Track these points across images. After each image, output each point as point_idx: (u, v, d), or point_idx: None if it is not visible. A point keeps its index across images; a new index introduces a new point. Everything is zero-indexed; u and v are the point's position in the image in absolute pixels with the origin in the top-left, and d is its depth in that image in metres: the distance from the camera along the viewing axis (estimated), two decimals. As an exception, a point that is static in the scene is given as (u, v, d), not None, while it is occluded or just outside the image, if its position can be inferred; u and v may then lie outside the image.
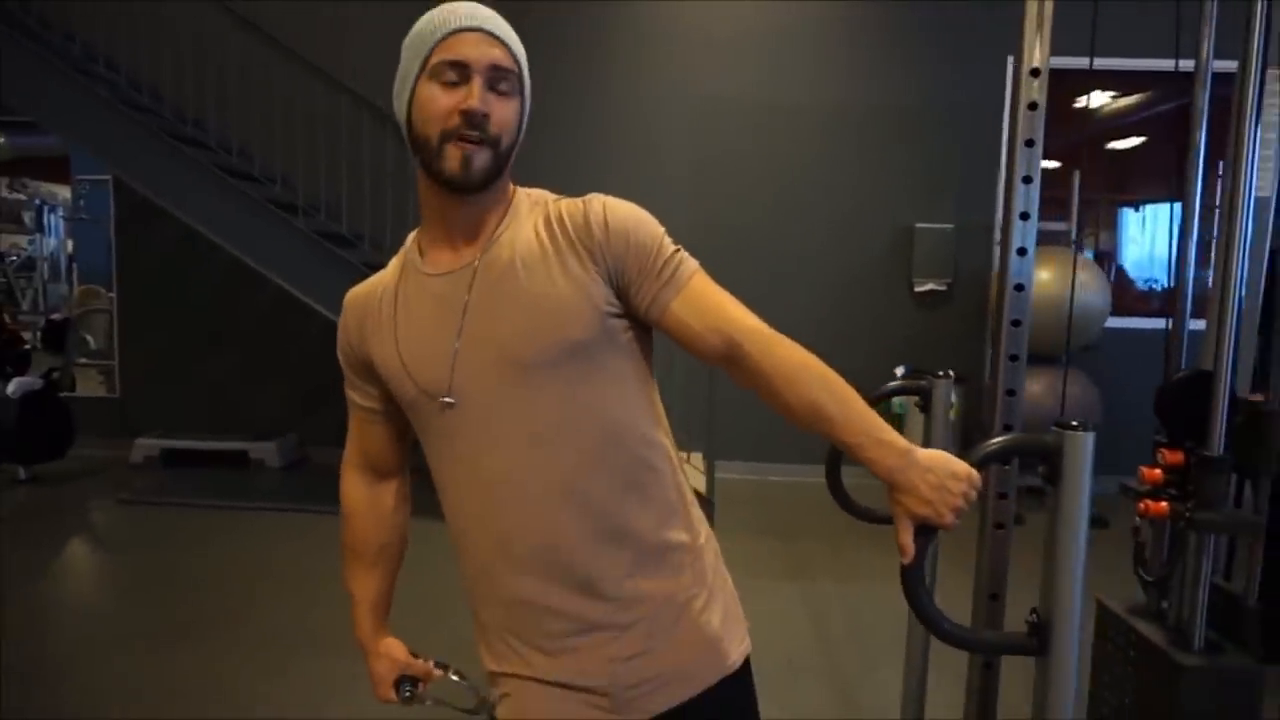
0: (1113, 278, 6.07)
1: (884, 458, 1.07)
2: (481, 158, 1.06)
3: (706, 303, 1.12)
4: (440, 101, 1.05)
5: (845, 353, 5.61)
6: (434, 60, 1.06)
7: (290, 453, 6.09)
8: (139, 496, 5.24)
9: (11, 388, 5.37)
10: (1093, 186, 6.01)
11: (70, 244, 6.68)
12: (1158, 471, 1.55)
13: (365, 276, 1.27)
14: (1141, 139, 6.03)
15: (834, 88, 5.85)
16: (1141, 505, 1.54)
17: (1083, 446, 1.17)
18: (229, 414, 6.21)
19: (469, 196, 1.09)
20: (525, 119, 1.12)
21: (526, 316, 1.08)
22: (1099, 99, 5.97)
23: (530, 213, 1.14)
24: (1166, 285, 4.69)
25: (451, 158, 1.06)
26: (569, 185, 1.21)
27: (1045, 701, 1.22)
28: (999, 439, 1.26)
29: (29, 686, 2.94)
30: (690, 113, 5.89)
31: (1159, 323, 1.49)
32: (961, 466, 1.08)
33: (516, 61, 1.10)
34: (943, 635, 1.24)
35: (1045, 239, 5.57)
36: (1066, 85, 5.83)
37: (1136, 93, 5.81)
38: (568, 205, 1.13)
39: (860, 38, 5.81)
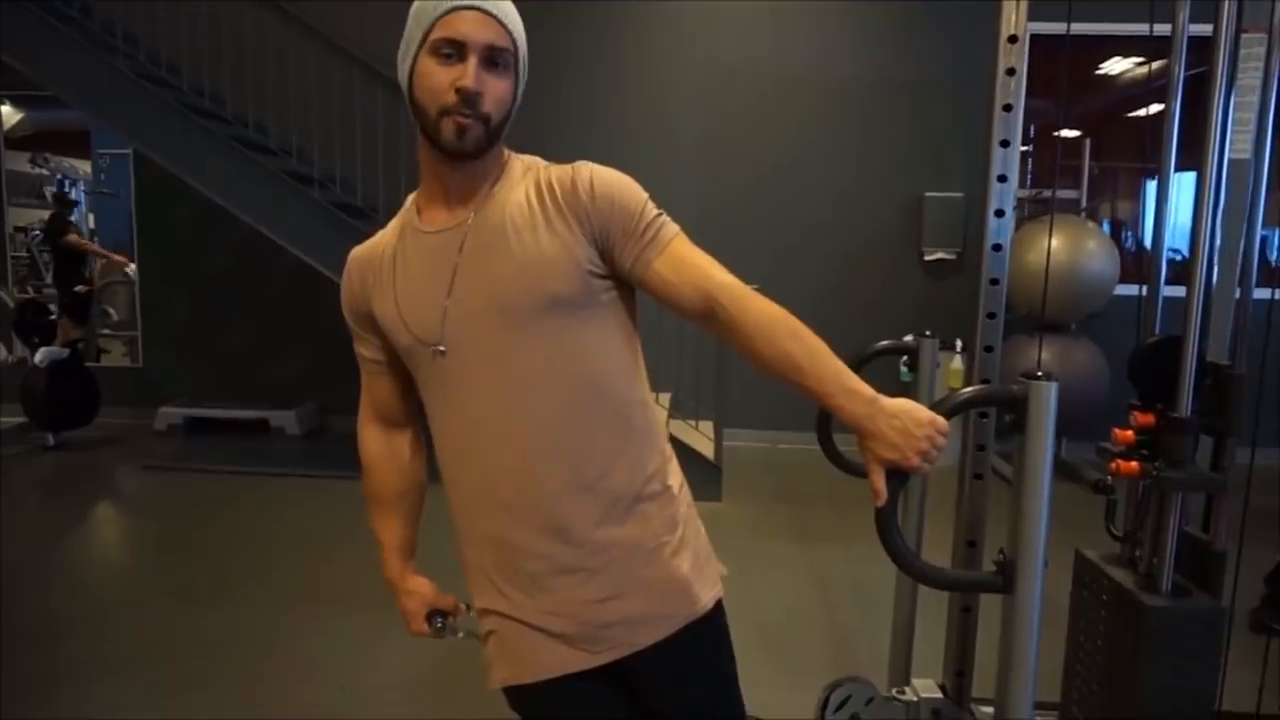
0: (1131, 246, 6.06)
1: (852, 405, 1.14)
2: (475, 132, 1.13)
3: (686, 262, 1.19)
4: (438, 77, 1.12)
5: (854, 321, 5.72)
6: (434, 36, 1.11)
7: (309, 421, 6.23)
8: (162, 463, 5.39)
9: (39, 357, 5.52)
10: (1112, 155, 5.98)
11: (91, 217, 6.78)
12: (1130, 432, 1.62)
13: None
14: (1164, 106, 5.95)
15: (844, 58, 5.85)
16: (1113, 464, 1.60)
17: (1046, 396, 1.24)
18: (249, 383, 6.35)
19: (463, 163, 1.17)
20: (520, 90, 1.19)
21: (513, 270, 1.16)
22: (1120, 65, 5.91)
23: (523, 178, 1.22)
24: (1184, 254, 4.72)
25: (447, 130, 1.12)
26: (580, 156, 1.27)
27: (1011, 635, 1.30)
28: (969, 389, 1.33)
29: (60, 642, 3.08)
30: (700, 85, 5.91)
31: (1174, 290, 1.54)
32: (925, 413, 1.15)
33: (513, 40, 1.15)
34: (914, 573, 1.32)
35: (1058, 208, 5.60)
36: (1087, 51, 5.82)
37: (1159, 59, 5.74)
38: (558, 172, 1.21)
39: (869, 6, 5.80)
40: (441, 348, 1.19)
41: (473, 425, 1.21)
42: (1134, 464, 1.59)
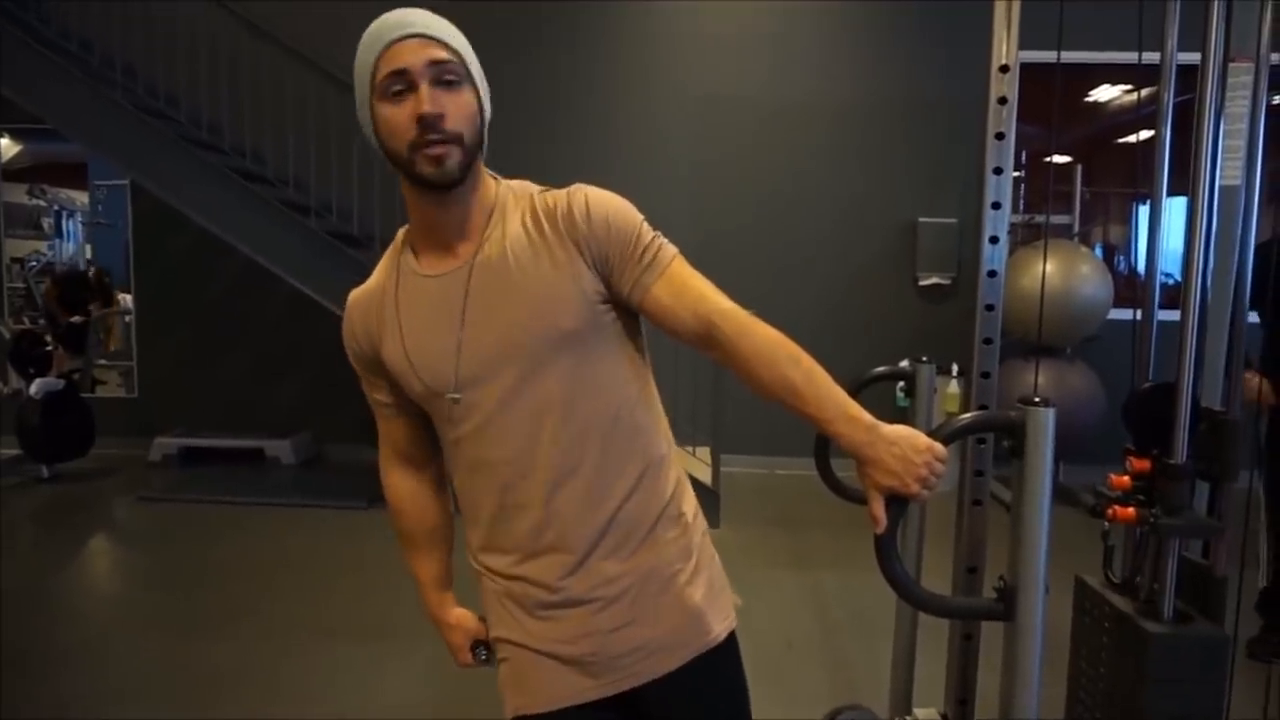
0: (1122, 270, 6.10)
1: (852, 432, 1.14)
2: (452, 156, 1.10)
3: (685, 286, 1.18)
4: (397, 117, 1.10)
5: (850, 347, 5.73)
6: (378, 79, 1.10)
7: (305, 450, 6.20)
8: (158, 494, 5.35)
9: (34, 388, 5.49)
10: (1104, 181, 6.03)
11: (88, 249, 6.79)
12: (1126, 478, 1.62)
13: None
14: (1154, 132, 6.00)
15: (836, 84, 5.90)
16: (1110, 511, 1.60)
17: (1044, 422, 1.24)
18: (245, 413, 6.32)
19: (451, 192, 1.14)
20: (486, 103, 1.16)
21: (522, 309, 1.15)
22: (1109, 93, 5.98)
23: (516, 207, 1.20)
24: (1176, 278, 4.75)
25: (423, 165, 1.10)
26: (576, 181, 1.26)
27: (1014, 663, 1.29)
28: (967, 415, 1.33)
29: (60, 673, 3.05)
30: (694, 111, 5.96)
31: (1167, 315, 1.54)
32: (923, 440, 1.15)
33: (456, 51, 1.12)
34: (914, 600, 1.32)
35: (1050, 233, 5.64)
36: (1078, 79, 5.89)
37: (1148, 86, 5.81)
38: (553, 197, 1.19)
39: (863, 34, 5.87)
40: (456, 395, 1.18)
41: (490, 465, 1.20)
42: (1131, 510, 1.59)
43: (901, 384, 2.13)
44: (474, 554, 1.29)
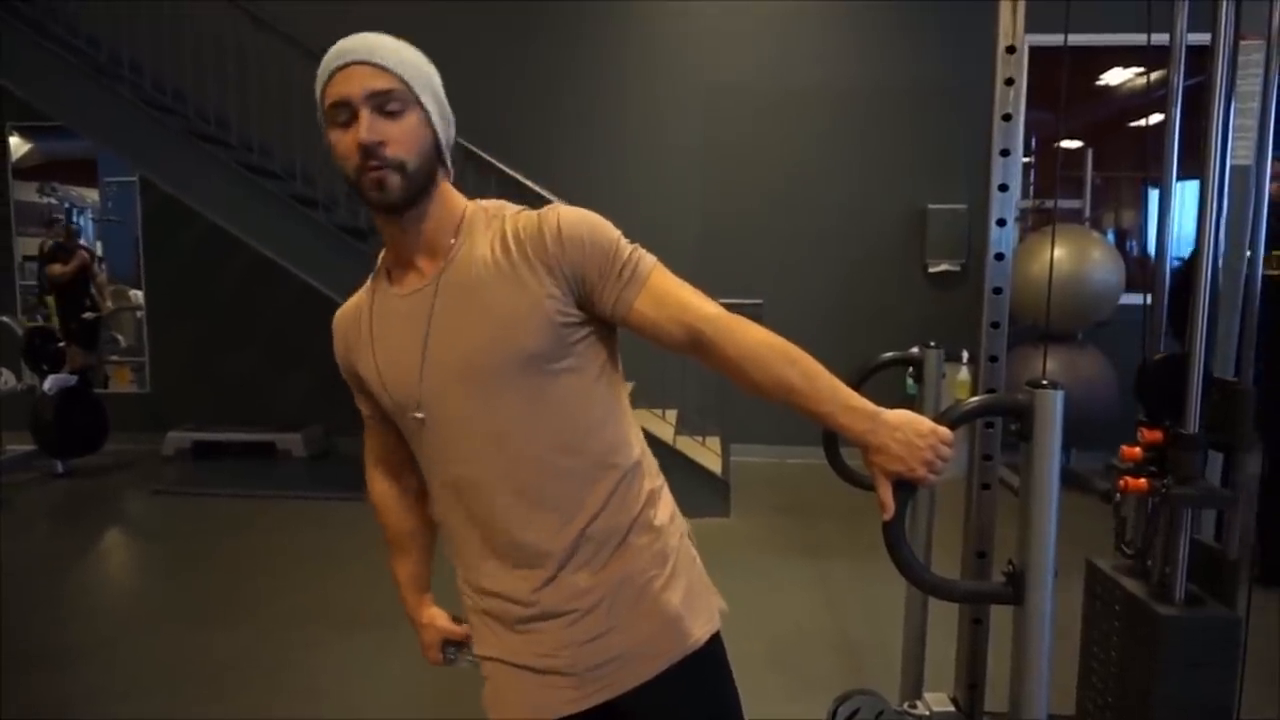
0: (1134, 254, 6.06)
1: (854, 422, 1.13)
2: (392, 180, 1.11)
3: (667, 296, 1.17)
4: (342, 143, 1.12)
5: (859, 335, 5.71)
6: (325, 107, 1.13)
7: (315, 443, 6.23)
8: (171, 487, 5.40)
9: (48, 384, 5.53)
10: (1114, 165, 5.98)
11: (99, 245, 6.83)
12: (1137, 450, 1.61)
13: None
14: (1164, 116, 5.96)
15: (844, 70, 5.87)
16: (1121, 482, 1.59)
17: (1052, 404, 1.24)
18: (256, 407, 6.36)
19: (404, 215, 1.15)
20: (440, 125, 1.16)
21: (485, 330, 1.15)
22: (1120, 76, 5.93)
23: (487, 228, 1.19)
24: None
25: (367, 189, 1.12)
26: (585, 176, 1.25)
27: (1023, 647, 1.29)
28: (974, 399, 1.33)
29: (74, 666, 3.07)
30: (702, 100, 5.93)
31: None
32: (926, 424, 1.14)
33: (400, 78, 1.11)
34: (923, 585, 1.31)
35: (1061, 217, 5.60)
36: (1087, 63, 5.84)
37: (1158, 69, 5.76)
38: (524, 220, 1.18)
39: (870, 19, 5.83)
40: (419, 414, 1.19)
41: (457, 485, 1.21)
42: (1142, 481, 1.58)
43: (910, 369, 2.12)
44: (455, 569, 1.31)
